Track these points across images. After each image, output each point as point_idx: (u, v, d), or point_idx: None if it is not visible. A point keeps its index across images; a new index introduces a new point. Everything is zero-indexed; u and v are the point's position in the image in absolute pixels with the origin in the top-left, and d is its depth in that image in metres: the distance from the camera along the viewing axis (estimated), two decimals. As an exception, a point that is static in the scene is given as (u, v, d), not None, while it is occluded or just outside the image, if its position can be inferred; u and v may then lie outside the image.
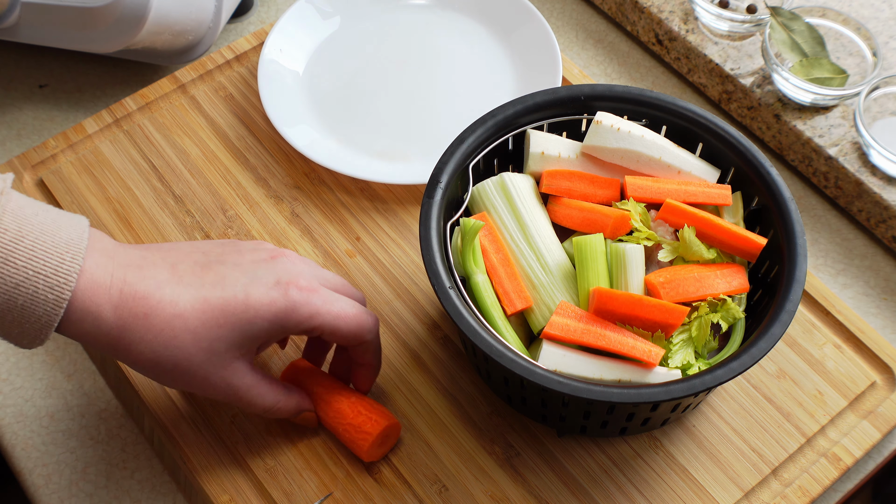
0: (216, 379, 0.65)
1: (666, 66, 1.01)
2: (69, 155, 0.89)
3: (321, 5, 0.98)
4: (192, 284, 0.63)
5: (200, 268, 0.64)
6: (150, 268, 0.63)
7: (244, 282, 0.64)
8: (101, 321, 0.61)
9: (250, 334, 0.64)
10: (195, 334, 0.62)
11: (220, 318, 0.63)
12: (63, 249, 0.59)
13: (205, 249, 0.66)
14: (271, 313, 0.64)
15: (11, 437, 0.77)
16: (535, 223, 0.73)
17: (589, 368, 0.66)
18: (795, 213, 0.71)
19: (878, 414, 0.76)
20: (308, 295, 0.65)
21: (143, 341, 0.62)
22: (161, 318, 0.61)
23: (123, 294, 0.61)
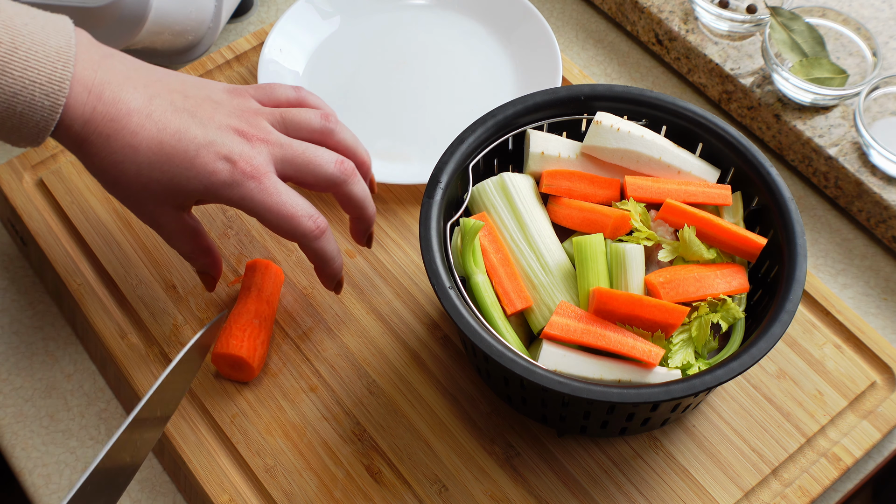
0: (146, 210, 0.69)
1: (666, 66, 1.01)
2: (69, 155, 0.89)
3: (321, 5, 0.98)
4: (157, 123, 0.66)
5: (172, 110, 0.67)
6: (129, 90, 0.66)
7: (199, 141, 0.67)
8: (70, 131, 0.65)
9: (184, 190, 0.67)
10: (139, 167, 0.66)
11: (164, 164, 0.66)
12: (55, 58, 0.63)
13: (187, 93, 0.69)
14: (208, 181, 0.67)
15: (11, 437, 0.77)
16: (535, 223, 0.73)
17: (589, 368, 0.66)
18: (795, 213, 0.71)
19: (878, 414, 0.76)
20: (248, 181, 0.67)
21: (97, 155, 0.66)
22: (118, 142, 0.65)
23: (96, 112, 0.65)
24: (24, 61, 0.62)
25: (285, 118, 0.71)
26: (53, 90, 0.63)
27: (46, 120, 0.63)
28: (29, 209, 0.85)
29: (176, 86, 0.69)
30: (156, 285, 0.81)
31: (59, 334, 0.82)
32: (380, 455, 0.73)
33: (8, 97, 0.62)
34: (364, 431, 0.74)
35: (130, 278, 0.81)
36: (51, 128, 0.64)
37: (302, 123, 0.72)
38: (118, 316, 0.79)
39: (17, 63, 0.61)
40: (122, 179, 0.66)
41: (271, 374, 0.77)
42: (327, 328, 0.79)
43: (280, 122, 0.71)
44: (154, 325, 0.79)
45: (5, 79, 0.61)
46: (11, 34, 0.62)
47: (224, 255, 0.83)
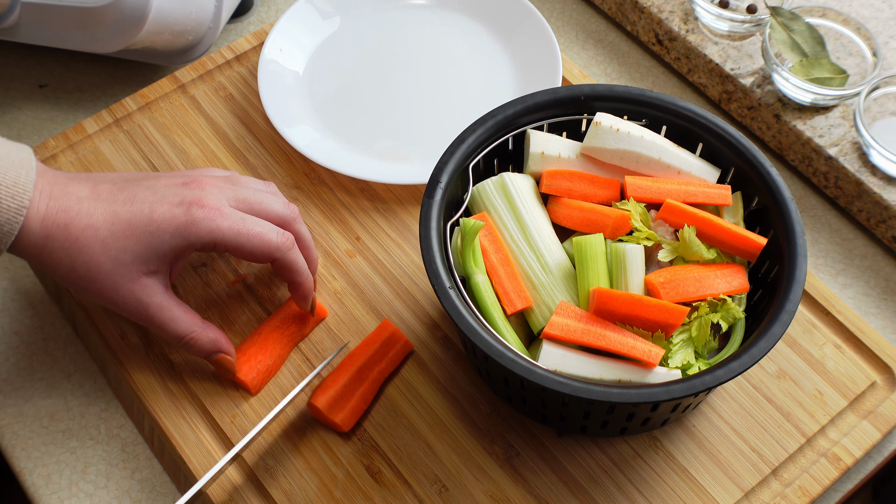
0: (125, 291, 0.70)
1: (666, 66, 1.01)
2: (69, 155, 0.89)
3: (321, 5, 0.98)
4: (106, 201, 0.70)
5: (118, 188, 0.71)
6: (74, 184, 0.70)
7: (152, 200, 0.70)
8: (30, 233, 0.68)
9: (154, 247, 0.69)
10: (104, 243, 0.68)
11: (126, 229, 0.69)
12: (18, 165, 0.67)
13: (128, 177, 0.73)
14: (173, 227, 0.69)
15: (11, 437, 0.77)
16: (535, 223, 0.73)
17: (589, 368, 0.66)
18: (795, 213, 0.71)
19: (878, 414, 0.76)
20: (210, 213, 0.70)
21: (62, 249, 0.68)
22: (77, 227, 0.68)
23: (49, 208, 0.68)
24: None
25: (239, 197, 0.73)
26: (18, 192, 0.66)
27: (11, 222, 0.66)
28: (29, 209, 0.85)
29: (114, 176, 0.73)
30: (156, 285, 0.81)
31: (59, 334, 0.82)
32: (380, 455, 0.73)
33: None
34: (364, 431, 0.74)
35: (130, 278, 0.81)
36: (15, 231, 0.66)
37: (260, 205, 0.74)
38: (118, 316, 0.79)
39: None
40: (92, 262, 0.68)
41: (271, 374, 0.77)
42: (327, 328, 0.79)
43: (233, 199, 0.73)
44: (154, 325, 0.79)
45: None
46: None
47: (224, 255, 0.83)
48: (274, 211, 0.74)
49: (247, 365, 0.75)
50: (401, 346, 0.77)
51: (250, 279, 0.81)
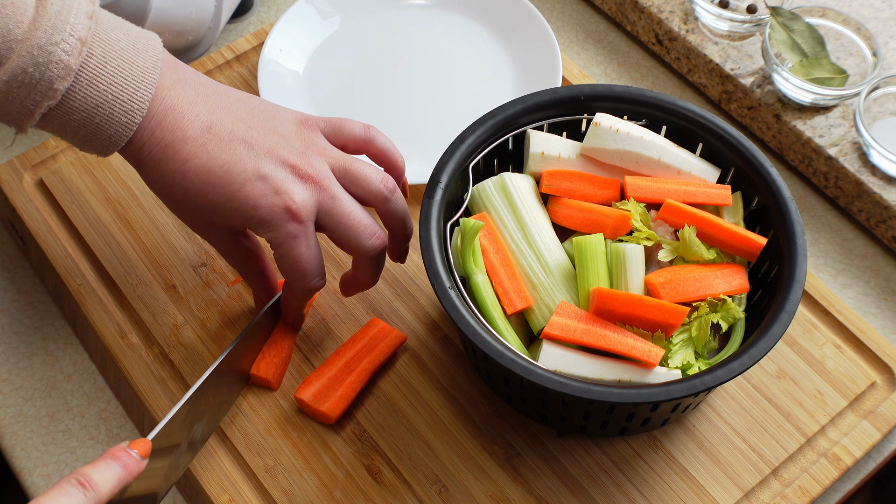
0: (198, 229, 0.71)
1: (666, 66, 1.01)
2: (69, 155, 0.89)
3: (321, 5, 0.98)
4: (209, 152, 0.67)
5: (230, 141, 0.68)
6: (191, 118, 0.67)
7: (249, 175, 0.67)
8: (128, 151, 0.67)
9: (228, 218, 0.68)
10: (186, 192, 0.67)
11: (210, 192, 0.67)
12: (140, 78, 0.65)
13: (252, 123, 0.69)
14: (249, 214, 0.67)
15: (11, 437, 0.77)
16: (535, 223, 0.73)
17: (589, 368, 0.66)
18: (795, 213, 0.71)
19: (878, 414, 0.76)
20: (287, 223, 0.67)
21: (150, 176, 0.68)
22: (168, 167, 0.67)
23: (153, 136, 0.66)
24: (111, 76, 0.64)
25: (347, 170, 0.70)
26: (132, 108, 0.65)
27: (120, 135, 0.65)
28: (29, 209, 0.85)
29: (243, 114, 0.69)
30: (156, 285, 0.81)
31: (59, 334, 0.82)
32: (380, 455, 0.73)
33: (90, 108, 0.64)
34: (364, 431, 0.74)
35: (130, 278, 0.81)
36: (122, 142, 0.66)
37: (361, 182, 0.70)
38: (118, 316, 0.79)
39: (104, 77, 0.63)
40: (173, 199, 0.68)
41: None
42: (327, 328, 0.79)
43: (341, 171, 0.70)
44: (154, 325, 0.79)
45: (91, 90, 0.63)
46: (104, 48, 0.64)
47: (224, 255, 0.83)
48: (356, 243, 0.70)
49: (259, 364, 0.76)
50: (391, 338, 0.77)
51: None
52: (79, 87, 0.63)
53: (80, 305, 0.80)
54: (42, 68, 0.61)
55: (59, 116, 0.64)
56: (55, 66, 0.62)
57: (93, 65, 0.63)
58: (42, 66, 0.61)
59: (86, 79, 0.63)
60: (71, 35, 0.62)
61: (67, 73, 0.62)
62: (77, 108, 0.63)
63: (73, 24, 0.62)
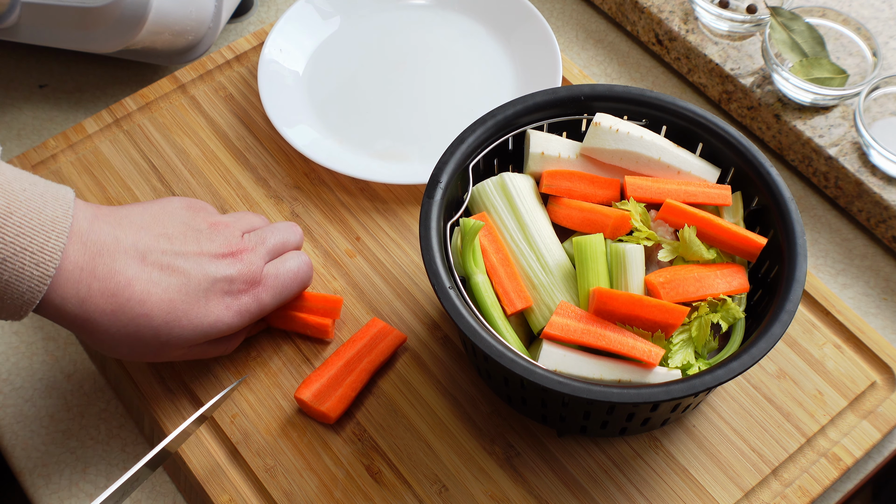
0: (175, 355, 0.71)
1: (666, 66, 1.01)
2: (69, 155, 0.89)
3: (321, 5, 0.98)
4: (158, 284, 0.66)
5: (167, 263, 0.67)
6: (122, 257, 0.65)
7: (204, 286, 0.68)
8: (65, 311, 0.63)
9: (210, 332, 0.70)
10: (156, 331, 0.66)
11: (181, 319, 0.67)
12: (49, 227, 0.61)
13: (171, 234, 0.69)
14: (225, 325, 0.70)
15: (11, 438, 0.77)
16: (535, 223, 0.73)
17: (589, 368, 0.66)
18: (795, 213, 0.71)
19: (878, 414, 0.76)
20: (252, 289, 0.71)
21: (105, 332, 0.65)
22: (127, 315, 0.65)
23: (91, 290, 0.63)
24: (18, 227, 0.60)
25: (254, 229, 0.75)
26: (44, 260, 0.61)
27: (33, 291, 0.61)
28: (29, 209, 0.85)
29: (157, 232, 0.69)
30: (156, 285, 0.81)
31: (59, 334, 0.82)
32: (380, 455, 0.73)
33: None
34: (364, 431, 0.74)
35: (130, 278, 0.81)
36: (36, 301, 0.61)
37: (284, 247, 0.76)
38: (118, 316, 0.80)
39: (10, 229, 0.59)
40: (139, 345, 0.67)
41: (271, 374, 0.77)
42: (327, 328, 0.79)
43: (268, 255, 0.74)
44: (154, 325, 0.79)
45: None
46: (8, 199, 0.60)
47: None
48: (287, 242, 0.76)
49: None
50: (391, 338, 0.77)
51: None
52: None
53: (80, 305, 0.80)
54: None
55: None
56: None
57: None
58: None
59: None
60: None
61: None
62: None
63: None
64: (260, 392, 0.76)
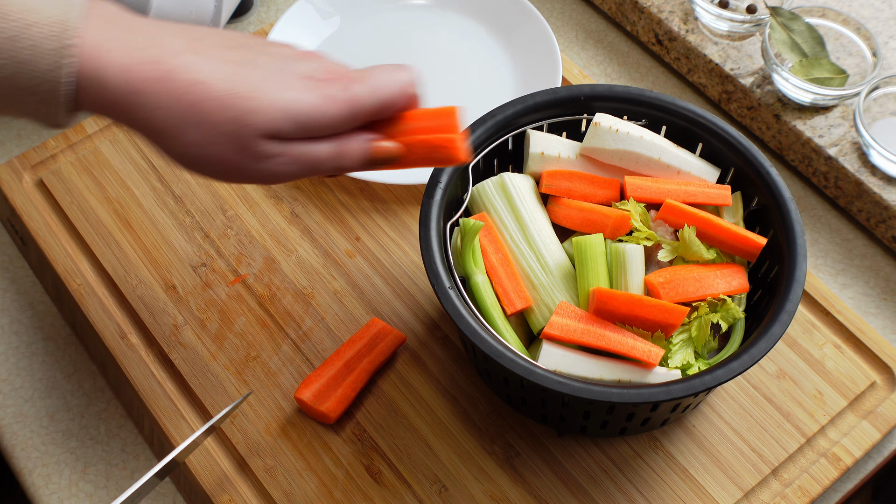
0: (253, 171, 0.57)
1: (666, 67, 1.01)
2: (69, 155, 0.89)
3: (321, 5, 0.98)
4: (215, 58, 0.56)
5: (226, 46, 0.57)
6: (165, 36, 0.56)
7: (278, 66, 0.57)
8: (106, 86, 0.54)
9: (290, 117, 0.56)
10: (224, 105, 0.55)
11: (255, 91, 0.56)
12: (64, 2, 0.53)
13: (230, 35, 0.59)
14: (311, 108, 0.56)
15: (11, 438, 0.77)
16: (535, 223, 0.73)
17: (589, 368, 0.66)
18: (795, 213, 0.71)
19: (877, 414, 0.76)
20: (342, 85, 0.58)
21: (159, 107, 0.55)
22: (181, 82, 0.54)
23: (133, 58, 0.54)
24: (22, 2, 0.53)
25: None
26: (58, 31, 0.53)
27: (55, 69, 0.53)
28: (29, 209, 0.85)
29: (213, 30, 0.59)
30: (156, 285, 0.81)
31: (59, 334, 0.82)
32: (380, 455, 0.73)
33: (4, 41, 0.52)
34: (364, 431, 0.74)
35: (130, 278, 0.81)
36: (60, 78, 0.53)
37: None
38: (118, 316, 0.79)
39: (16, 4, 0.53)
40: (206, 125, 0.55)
41: (271, 374, 0.77)
42: (327, 328, 0.79)
43: None
44: (154, 325, 0.79)
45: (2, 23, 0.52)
46: None
47: (224, 255, 0.83)
48: None
49: None
50: (391, 338, 0.77)
51: (250, 279, 0.81)
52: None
53: (80, 305, 0.80)
54: None
55: None
56: None
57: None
58: None
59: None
60: None
61: None
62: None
63: None
64: (260, 392, 0.76)
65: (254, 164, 0.56)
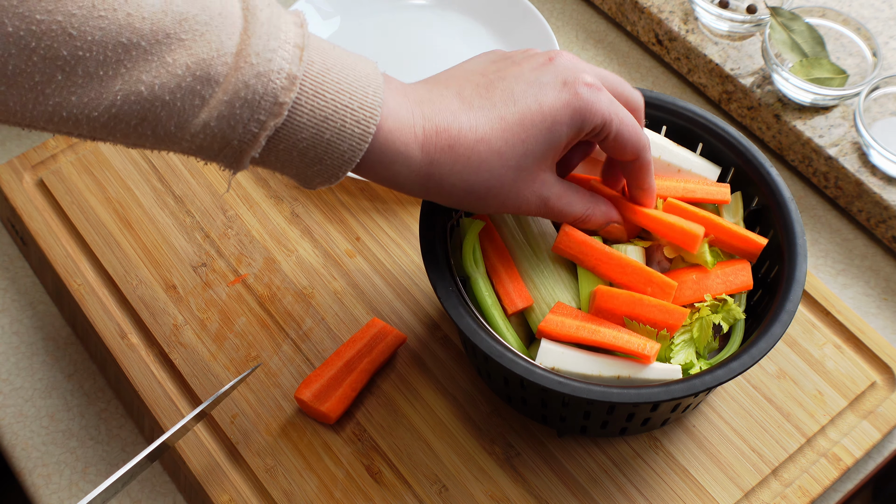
0: (528, 194, 0.64)
1: (666, 67, 1.01)
2: (69, 155, 0.89)
3: (321, 5, 0.98)
4: (483, 108, 0.62)
5: (485, 89, 0.62)
6: (441, 100, 0.61)
7: (533, 92, 0.62)
8: (411, 160, 0.60)
9: (552, 142, 0.63)
10: (501, 155, 0.61)
11: (520, 133, 0.61)
12: (365, 83, 0.58)
13: (481, 70, 0.64)
14: (568, 115, 0.62)
15: (11, 437, 0.77)
16: (537, 222, 0.73)
17: (587, 365, 0.66)
18: (795, 213, 0.71)
19: (878, 414, 0.76)
20: (596, 93, 0.63)
21: (452, 173, 0.61)
22: (465, 145, 0.61)
23: (426, 130, 0.60)
24: (336, 84, 0.56)
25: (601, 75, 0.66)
26: (364, 116, 0.57)
27: (354, 150, 0.57)
28: (29, 209, 0.85)
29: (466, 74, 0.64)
30: (156, 285, 0.81)
31: (60, 334, 0.82)
32: (380, 455, 0.73)
33: (319, 122, 0.56)
34: (364, 431, 0.74)
35: (130, 278, 0.81)
36: (356, 158, 0.58)
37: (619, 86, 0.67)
38: (118, 316, 0.79)
39: (330, 85, 0.56)
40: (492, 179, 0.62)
41: (271, 374, 0.77)
42: (327, 328, 0.79)
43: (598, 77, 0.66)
44: (154, 325, 0.79)
45: (318, 101, 0.56)
46: (322, 56, 0.57)
47: (224, 255, 0.83)
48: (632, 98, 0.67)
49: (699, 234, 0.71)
50: (391, 338, 0.77)
51: (250, 279, 0.81)
52: (304, 99, 0.55)
53: (80, 305, 0.80)
54: (264, 79, 0.53)
55: (285, 138, 0.56)
56: (276, 75, 0.54)
57: (314, 72, 0.55)
58: (263, 76, 0.53)
59: (310, 88, 0.55)
60: (286, 42, 0.54)
61: (291, 83, 0.54)
62: (305, 124, 0.56)
63: (286, 31, 0.55)
64: (260, 392, 0.76)
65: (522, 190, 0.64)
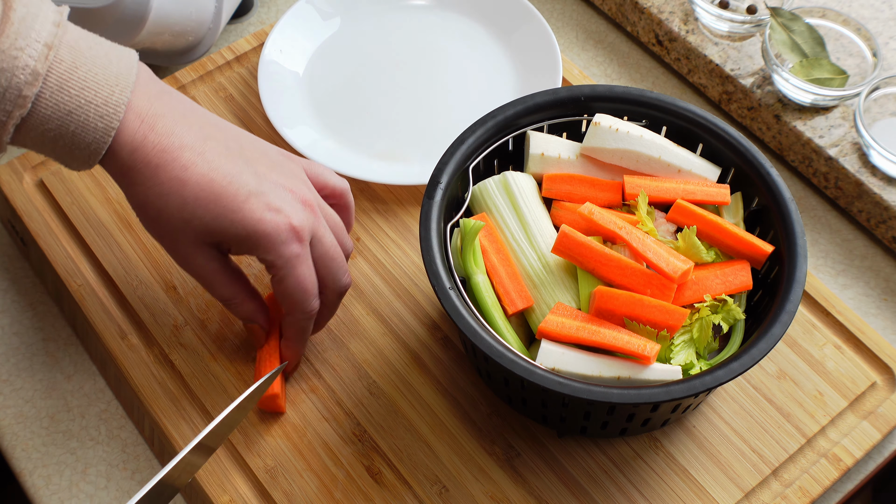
0: (182, 250, 0.68)
1: (666, 67, 1.01)
2: (69, 155, 0.89)
3: (321, 6, 0.98)
4: (209, 162, 0.66)
5: (227, 154, 0.67)
6: (183, 127, 0.66)
7: (252, 189, 0.66)
8: (117, 158, 0.65)
9: (226, 233, 0.66)
10: (184, 202, 0.65)
11: (210, 202, 0.65)
12: (113, 82, 0.63)
13: (243, 144, 0.69)
14: (253, 229, 0.66)
15: (12, 438, 0.77)
16: (538, 222, 0.73)
17: (587, 366, 0.66)
18: (795, 213, 0.71)
19: (878, 414, 0.76)
20: (292, 242, 0.67)
21: (143, 185, 0.65)
22: (166, 174, 0.65)
23: (146, 140, 0.64)
24: (83, 81, 0.62)
25: (325, 211, 0.71)
26: (108, 112, 0.63)
27: (98, 142, 0.63)
28: (29, 210, 0.85)
29: (232, 134, 0.69)
30: (156, 286, 0.81)
31: (60, 335, 0.82)
32: (380, 456, 0.73)
33: (63, 115, 0.62)
34: (364, 432, 0.74)
35: (131, 279, 0.81)
36: (102, 151, 0.64)
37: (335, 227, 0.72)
38: (118, 317, 0.80)
39: (75, 82, 0.62)
40: (164, 213, 0.66)
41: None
42: (327, 329, 0.79)
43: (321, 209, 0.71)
44: (154, 325, 0.79)
45: (62, 96, 0.61)
46: (74, 55, 0.62)
47: (224, 256, 0.83)
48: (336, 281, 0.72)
49: None
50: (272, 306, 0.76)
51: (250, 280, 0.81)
52: (48, 93, 0.61)
53: (81, 306, 0.80)
54: (8, 74, 0.59)
55: (33, 127, 0.62)
56: (21, 71, 0.60)
57: (62, 69, 0.61)
58: (7, 71, 0.59)
59: (55, 83, 0.61)
60: (36, 41, 0.60)
61: (35, 79, 0.60)
62: (49, 115, 0.62)
63: (38, 31, 0.60)
64: (260, 393, 0.76)
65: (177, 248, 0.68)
